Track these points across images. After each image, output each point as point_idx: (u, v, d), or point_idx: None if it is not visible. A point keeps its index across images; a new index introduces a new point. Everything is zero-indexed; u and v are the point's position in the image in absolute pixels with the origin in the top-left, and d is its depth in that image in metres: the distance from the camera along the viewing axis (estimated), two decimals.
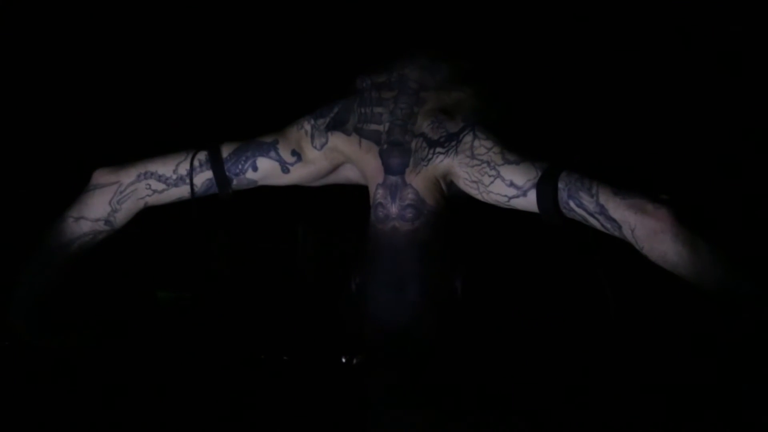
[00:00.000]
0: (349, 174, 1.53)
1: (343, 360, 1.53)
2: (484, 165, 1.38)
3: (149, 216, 1.57)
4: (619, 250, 1.39)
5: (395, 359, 1.42)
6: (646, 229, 1.26)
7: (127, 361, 1.57)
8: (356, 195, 1.51)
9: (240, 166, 1.47)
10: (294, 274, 1.85)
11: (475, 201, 1.44)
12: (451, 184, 1.45)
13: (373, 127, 1.45)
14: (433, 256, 1.42)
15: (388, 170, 1.43)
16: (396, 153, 1.42)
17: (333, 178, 1.54)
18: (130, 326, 1.70)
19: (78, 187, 1.48)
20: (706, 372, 1.48)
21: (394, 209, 1.41)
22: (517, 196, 1.36)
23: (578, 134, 1.69)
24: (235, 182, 1.48)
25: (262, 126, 1.50)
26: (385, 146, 1.43)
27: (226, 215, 1.85)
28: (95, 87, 1.86)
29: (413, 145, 1.42)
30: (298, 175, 1.49)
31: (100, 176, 1.46)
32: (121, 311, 1.74)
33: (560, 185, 1.32)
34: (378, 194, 1.43)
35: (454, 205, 1.47)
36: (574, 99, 1.74)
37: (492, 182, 1.38)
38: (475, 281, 1.47)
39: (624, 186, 1.30)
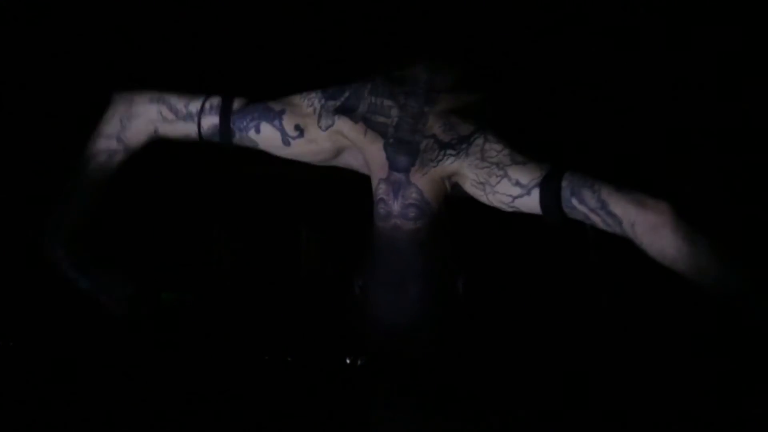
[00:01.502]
0: (350, 160, 1.52)
1: (348, 361, 1.53)
2: (493, 167, 1.39)
3: (154, 216, 1.57)
4: (621, 251, 1.40)
5: (398, 359, 1.43)
6: (646, 223, 1.27)
7: (131, 362, 1.57)
8: (359, 196, 1.51)
9: (245, 123, 1.48)
10: (298, 274, 1.84)
11: (475, 203, 1.44)
12: (455, 186, 1.45)
13: (381, 119, 1.45)
14: (434, 256, 1.42)
15: (392, 166, 1.42)
16: (403, 150, 1.42)
17: (336, 161, 1.53)
18: (133, 327, 1.70)
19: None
20: (705, 372, 1.48)
21: (396, 207, 1.41)
22: (521, 196, 1.37)
23: (582, 138, 1.70)
24: (237, 137, 1.49)
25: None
26: (392, 140, 1.43)
27: (230, 216, 1.85)
28: (74, 88, 1.83)
29: (422, 145, 1.42)
30: (299, 150, 1.49)
31: (118, 95, 1.50)
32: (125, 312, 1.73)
33: (563, 183, 1.33)
34: (380, 189, 1.43)
35: (455, 205, 1.46)
36: (581, 104, 1.74)
37: (499, 182, 1.38)
38: (477, 282, 1.47)
39: (625, 185, 1.32)
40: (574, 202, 1.33)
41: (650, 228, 1.27)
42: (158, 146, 1.51)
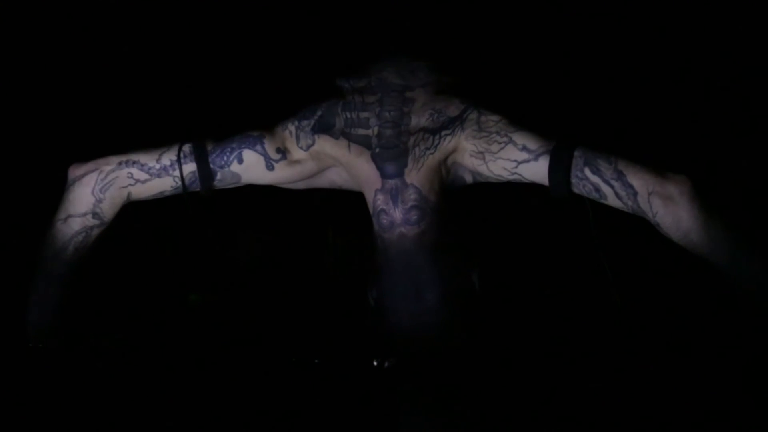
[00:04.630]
0: (334, 178, 1.51)
1: (375, 363, 1.52)
2: (494, 134, 1.37)
3: (180, 218, 1.57)
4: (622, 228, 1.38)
5: (422, 364, 1.42)
6: (664, 192, 1.27)
7: (158, 363, 1.58)
8: None
9: (225, 158, 1.44)
10: (324, 277, 1.84)
11: (478, 194, 1.43)
12: (453, 165, 1.43)
13: (362, 131, 1.43)
14: (445, 257, 1.41)
15: (385, 175, 1.41)
16: (390, 156, 1.40)
17: (317, 182, 1.52)
18: (161, 329, 1.71)
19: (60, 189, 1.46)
20: (708, 361, 1.46)
21: (398, 214, 1.39)
22: (527, 161, 1.35)
23: (581, 117, 1.67)
24: (218, 176, 1.46)
25: (240, 127, 1.48)
26: (378, 150, 1.41)
27: (256, 218, 1.85)
28: (75, 87, 1.85)
29: (410, 142, 1.40)
30: (282, 174, 1.47)
31: (77, 168, 1.44)
32: (153, 314, 1.75)
33: (576, 153, 1.33)
34: (378, 200, 1.41)
35: (455, 191, 1.45)
36: (566, 81, 1.70)
37: (502, 148, 1.37)
38: (491, 271, 1.46)
39: (641, 160, 1.32)
40: (587, 171, 1.32)
41: (668, 198, 1.27)
42: None
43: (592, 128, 1.62)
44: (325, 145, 1.44)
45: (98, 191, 1.42)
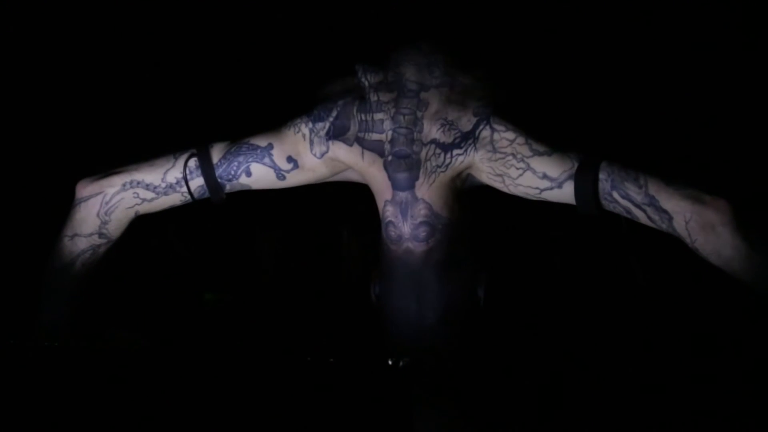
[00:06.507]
0: (350, 175, 1.47)
1: (390, 362, 1.52)
2: (509, 157, 1.32)
3: (192, 218, 1.57)
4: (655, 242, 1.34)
5: (420, 365, 1.40)
6: (703, 220, 1.20)
7: (171, 362, 1.58)
8: None
9: (232, 172, 1.42)
10: (339, 276, 1.84)
11: (492, 200, 1.39)
12: (468, 177, 1.39)
13: (375, 137, 1.38)
14: (451, 273, 1.38)
15: (396, 186, 1.36)
16: (403, 167, 1.36)
17: (333, 179, 1.49)
18: (175, 327, 1.71)
19: (66, 193, 1.45)
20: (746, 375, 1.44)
21: (406, 229, 1.36)
22: (551, 188, 1.30)
23: (596, 120, 1.62)
24: (228, 188, 1.44)
25: (253, 124, 1.45)
26: (390, 158, 1.37)
27: (271, 218, 1.85)
28: (77, 89, 1.84)
29: (423, 154, 1.35)
30: (295, 180, 1.44)
31: (83, 188, 1.42)
32: (168, 312, 1.75)
33: (602, 176, 1.26)
34: (387, 212, 1.38)
35: (471, 199, 1.41)
36: (584, 80, 1.64)
37: (521, 175, 1.31)
38: (498, 286, 1.43)
39: (672, 177, 1.24)
40: (616, 195, 1.26)
41: (707, 226, 1.20)
42: None
43: (616, 134, 1.59)
44: (338, 152, 1.40)
45: (103, 214, 1.42)
